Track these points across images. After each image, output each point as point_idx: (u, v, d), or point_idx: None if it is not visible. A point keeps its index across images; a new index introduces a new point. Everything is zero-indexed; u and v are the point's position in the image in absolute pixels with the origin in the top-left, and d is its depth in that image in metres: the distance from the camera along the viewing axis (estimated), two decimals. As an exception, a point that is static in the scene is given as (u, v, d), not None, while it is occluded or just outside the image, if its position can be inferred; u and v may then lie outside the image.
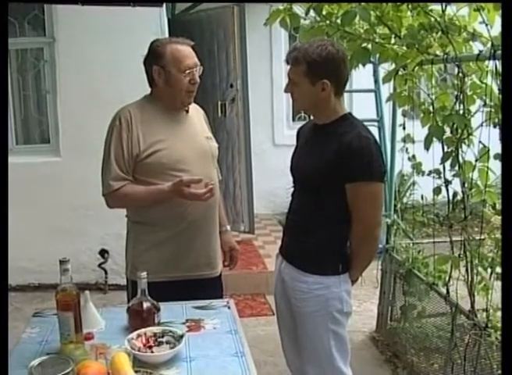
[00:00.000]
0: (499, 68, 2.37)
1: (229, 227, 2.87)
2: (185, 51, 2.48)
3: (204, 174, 2.52)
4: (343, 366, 2.42)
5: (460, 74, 2.63)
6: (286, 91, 2.39)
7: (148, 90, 2.60)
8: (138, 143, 2.44)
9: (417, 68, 2.89)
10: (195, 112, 2.68)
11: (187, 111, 2.60)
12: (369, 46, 2.99)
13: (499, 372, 2.60)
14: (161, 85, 2.49)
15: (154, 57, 2.48)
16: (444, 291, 3.05)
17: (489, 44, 2.38)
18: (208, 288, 2.57)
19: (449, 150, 2.71)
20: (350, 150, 2.22)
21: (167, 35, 4.83)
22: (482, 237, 2.71)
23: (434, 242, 3.15)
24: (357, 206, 2.30)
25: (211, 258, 2.63)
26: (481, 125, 2.54)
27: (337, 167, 2.25)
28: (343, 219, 2.34)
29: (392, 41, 2.94)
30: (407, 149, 3.24)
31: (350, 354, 2.49)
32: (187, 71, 2.45)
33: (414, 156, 3.21)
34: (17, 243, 3.02)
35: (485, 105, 2.57)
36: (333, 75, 2.28)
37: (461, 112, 2.65)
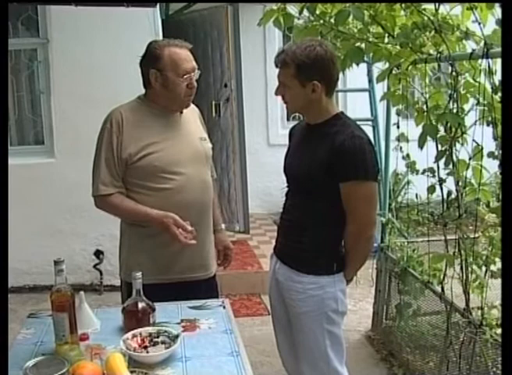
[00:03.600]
0: (492, 66, 2.38)
1: (223, 226, 2.86)
2: (183, 54, 2.45)
3: (198, 176, 2.53)
4: (338, 366, 2.42)
5: (454, 73, 2.63)
6: (276, 93, 2.38)
7: (142, 90, 2.59)
8: (129, 146, 2.42)
9: (410, 67, 2.90)
10: (190, 111, 2.65)
11: (181, 111, 2.59)
12: (363, 45, 2.99)
13: (494, 369, 2.61)
14: (158, 88, 2.46)
15: (152, 60, 2.44)
16: (439, 289, 3.06)
17: (482, 43, 2.39)
18: (202, 289, 2.57)
19: (443, 149, 2.72)
20: (344, 149, 2.22)
21: (161, 35, 4.83)
22: (477, 235, 2.72)
23: (429, 241, 3.16)
24: (351, 205, 2.30)
25: (205, 260, 2.63)
26: (475, 123, 2.55)
27: (331, 167, 2.24)
28: (337, 218, 2.34)
29: (386, 40, 2.94)
30: (401, 148, 3.24)
31: (346, 353, 2.49)
32: (185, 76, 2.43)
33: (408, 155, 3.22)
34: (12, 244, 2.99)
35: (478, 103, 2.57)
36: (323, 76, 2.27)
37: (455, 110, 2.66)
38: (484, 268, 2.76)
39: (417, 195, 3.43)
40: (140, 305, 2.08)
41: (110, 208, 2.51)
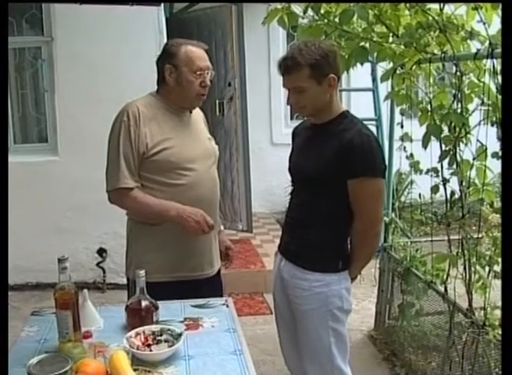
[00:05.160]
0: (497, 66, 2.37)
1: (222, 227, 2.88)
2: (198, 52, 2.50)
3: (208, 173, 2.57)
4: (342, 364, 2.42)
5: (458, 73, 2.63)
6: (289, 102, 2.35)
7: (147, 87, 2.60)
8: (145, 140, 2.43)
9: (414, 67, 2.89)
10: (196, 113, 2.70)
11: (191, 111, 2.62)
12: (367, 45, 2.98)
13: (497, 370, 2.60)
14: (172, 84, 2.50)
15: (168, 56, 2.49)
16: (442, 289, 3.06)
17: (487, 43, 2.38)
18: (209, 286, 2.59)
19: (447, 148, 2.71)
20: (352, 146, 2.23)
21: (165, 34, 4.84)
22: (480, 235, 2.71)
23: (432, 240, 3.16)
24: (358, 202, 2.31)
25: (213, 257, 2.66)
26: (479, 123, 2.55)
27: (339, 164, 2.25)
28: (344, 216, 2.35)
29: (390, 39, 2.94)
30: (404, 148, 3.24)
31: (349, 352, 2.49)
32: (198, 72, 2.47)
33: (411, 155, 3.21)
34: (15, 242, 3.01)
35: (482, 103, 2.57)
36: (335, 68, 2.29)
37: (459, 110, 2.65)
38: (487, 268, 2.75)
39: (420, 195, 3.42)
40: (144, 303, 2.08)
41: (131, 202, 2.46)
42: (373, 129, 5.03)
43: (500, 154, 2.43)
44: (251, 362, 1.90)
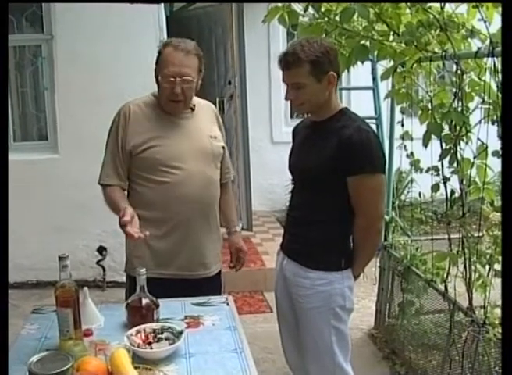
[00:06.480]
0: (498, 65, 2.37)
1: (238, 228, 2.86)
2: (175, 57, 2.41)
3: (201, 172, 2.54)
4: (343, 362, 2.42)
5: (459, 71, 2.63)
6: (287, 98, 2.35)
7: (147, 86, 2.62)
8: (133, 139, 2.47)
9: (415, 65, 2.89)
10: (204, 109, 2.67)
11: (192, 109, 2.59)
12: (368, 43, 2.98)
13: (497, 368, 2.60)
14: (157, 84, 2.51)
15: (158, 54, 2.49)
16: (442, 287, 3.06)
17: (488, 42, 2.38)
18: (203, 288, 2.56)
19: (448, 147, 2.71)
20: (351, 143, 2.23)
21: (165, 32, 4.84)
22: (480, 234, 2.71)
23: (432, 239, 3.16)
24: (359, 199, 2.30)
25: (206, 258, 2.62)
26: (480, 122, 2.54)
27: (338, 161, 2.25)
28: (345, 213, 2.35)
29: (391, 38, 2.94)
30: (405, 146, 3.24)
31: (350, 351, 2.49)
32: (166, 78, 2.42)
33: (412, 153, 3.21)
34: (15, 240, 3.01)
35: (483, 102, 2.56)
36: (335, 65, 2.29)
37: (459, 109, 2.65)
38: (487, 267, 2.75)
39: (420, 194, 3.41)
40: (144, 301, 2.09)
41: (105, 199, 2.54)
42: (373, 127, 5.04)
43: (501, 152, 2.43)
44: (252, 360, 1.90)
